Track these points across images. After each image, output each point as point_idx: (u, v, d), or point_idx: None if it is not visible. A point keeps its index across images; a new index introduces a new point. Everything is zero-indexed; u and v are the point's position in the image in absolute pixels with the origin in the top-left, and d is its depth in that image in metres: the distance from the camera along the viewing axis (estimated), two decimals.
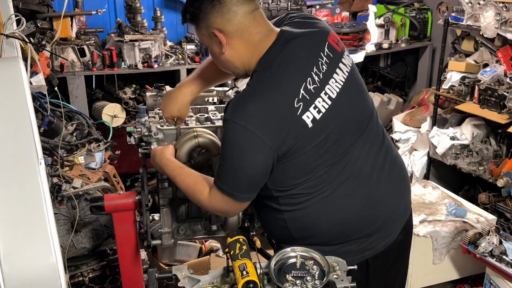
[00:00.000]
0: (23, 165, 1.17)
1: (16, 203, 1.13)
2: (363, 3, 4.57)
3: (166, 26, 4.02)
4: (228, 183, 1.46)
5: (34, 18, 3.15)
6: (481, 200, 3.17)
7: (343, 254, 1.51)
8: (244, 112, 1.39)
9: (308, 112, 1.42)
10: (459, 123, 3.48)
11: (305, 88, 1.43)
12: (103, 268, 2.63)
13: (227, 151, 1.43)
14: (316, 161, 1.47)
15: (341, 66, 1.53)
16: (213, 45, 1.51)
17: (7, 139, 1.19)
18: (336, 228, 1.54)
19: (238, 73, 1.58)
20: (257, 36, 1.48)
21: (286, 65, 1.45)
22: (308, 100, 1.43)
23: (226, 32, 1.46)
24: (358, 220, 1.55)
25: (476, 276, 2.90)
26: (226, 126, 1.43)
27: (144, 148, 1.90)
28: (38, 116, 2.63)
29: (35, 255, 1.12)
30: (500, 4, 3.06)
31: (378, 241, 1.59)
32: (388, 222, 1.61)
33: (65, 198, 2.43)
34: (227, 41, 1.47)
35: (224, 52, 1.50)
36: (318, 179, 1.49)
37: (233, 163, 1.43)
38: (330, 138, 1.47)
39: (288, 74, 1.44)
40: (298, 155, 1.44)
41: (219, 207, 1.53)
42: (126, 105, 3.68)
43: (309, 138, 1.43)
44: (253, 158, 1.42)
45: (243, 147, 1.41)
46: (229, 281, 1.37)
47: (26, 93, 1.24)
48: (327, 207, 1.52)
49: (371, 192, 1.56)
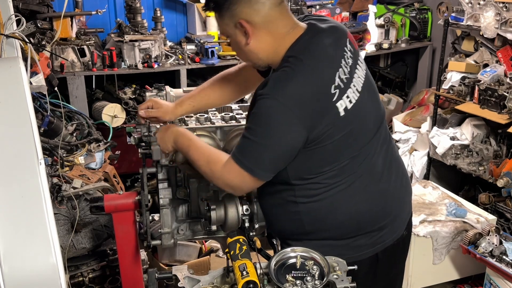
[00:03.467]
0: (23, 165, 1.17)
1: (16, 203, 1.13)
2: (363, 3, 4.57)
3: (166, 26, 4.03)
4: (250, 157, 1.45)
5: (34, 18, 3.15)
6: (481, 200, 3.17)
7: (356, 248, 1.56)
8: (285, 90, 1.40)
9: (342, 100, 1.45)
10: (459, 123, 3.48)
11: (339, 77, 1.46)
12: (103, 268, 2.63)
13: (259, 125, 1.43)
14: (340, 151, 1.49)
15: (359, 63, 1.57)
16: (237, 36, 1.50)
17: (7, 139, 1.19)
18: (352, 220, 1.56)
19: (260, 65, 1.58)
20: (284, 29, 1.49)
21: (321, 53, 1.47)
22: (342, 88, 1.45)
23: (253, 23, 1.46)
24: (372, 213, 1.58)
25: (476, 276, 2.90)
26: (262, 101, 1.42)
27: (144, 148, 1.90)
28: (38, 116, 2.63)
29: (35, 255, 1.12)
30: (500, 4, 3.06)
31: (388, 235, 1.63)
32: (396, 217, 1.65)
33: (65, 198, 2.43)
34: (253, 32, 1.47)
35: (249, 43, 1.49)
36: (339, 170, 1.51)
37: (262, 138, 1.42)
38: (355, 130, 1.50)
39: (325, 61, 1.47)
40: (327, 143, 1.45)
41: (232, 181, 1.51)
42: (126, 105, 3.68)
43: (338, 127, 1.46)
44: (284, 136, 1.42)
45: (277, 123, 1.41)
46: (229, 281, 1.37)
47: (26, 93, 1.24)
48: (344, 199, 1.54)
49: (383, 187, 1.60)
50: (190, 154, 1.61)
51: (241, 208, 1.71)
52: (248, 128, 1.47)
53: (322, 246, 1.51)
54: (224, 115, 1.96)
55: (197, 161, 1.59)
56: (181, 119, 1.93)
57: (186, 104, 1.83)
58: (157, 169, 1.90)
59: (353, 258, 1.51)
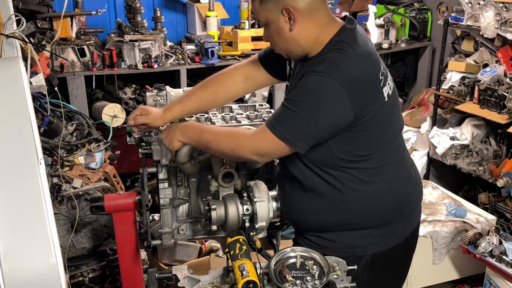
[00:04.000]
0: (23, 165, 1.17)
1: (16, 203, 1.13)
2: (363, 3, 4.57)
3: (166, 26, 4.03)
4: (291, 129, 1.46)
5: (34, 18, 3.15)
6: (481, 200, 3.17)
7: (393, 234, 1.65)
8: (344, 70, 1.43)
9: (385, 87, 1.53)
10: (459, 123, 3.48)
11: (382, 66, 1.55)
12: (103, 268, 2.63)
13: (307, 99, 1.44)
14: (383, 136, 1.56)
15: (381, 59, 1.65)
16: (280, 22, 1.52)
17: (7, 139, 1.18)
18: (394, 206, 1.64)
19: (297, 53, 1.58)
20: (326, 19, 1.53)
21: (367, 43, 1.56)
22: (385, 75, 1.55)
23: (298, 9, 1.49)
24: (409, 198, 1.69)
25: (476, 276, 2.90)
26: (315, 77, 1.43)
27: (144, 148, 1.90)
28: (38, 116, 2.63)
29: (35, 255, 1.12)
30: (500, 4, 3.06)
31: (415, 218, 1.74)
32: (419, 202, 1.76)
33: (65, 198, 2.43)
34: (297, 19, 1.49)
35: (292, 29, 1.51)
36: (382, 155, 1.57)
37: (308, 111, 1.44)
38: (394, 117, 1.59)
39: (372, 50, 1.55)
40: (373, 126, 1.51)
41: (263, 148, 1.52)
42: (126, 105, 3.68)
43: (383, 112, 1.52)
44: (332, 113, 1.45)
45: (328, 99, 1.44)
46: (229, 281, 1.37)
47: (26, 93, 1.24)
48: (387, 186, 1.61)
49: (411, 172, 1.70)
50: (205, 137, 1.61)
51: (241, 208, 1.71)
52: (290, 100, 1.47)
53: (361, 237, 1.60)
54: (224, 115, 1.96)
55: (216, 139, 1.58)
56: (181, 119, 1.93)
57: (176, 109, 1.81)
58: (157, 169, 1.90)
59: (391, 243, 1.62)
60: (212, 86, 1.84)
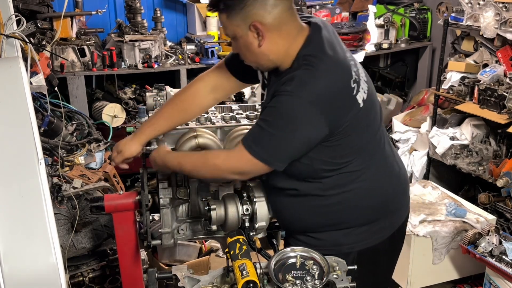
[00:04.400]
0: (23, 165, 1.17)
1: (16, 203, 1.13)
2: (363, 3, 4.57)
3: (166, 26, 4.03)
4: (267, 149, 1.47)
5: (34, 18, 3.15)
6: (481, 200, 3.17)
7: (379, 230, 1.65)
8: (313, 88, 1.42)
9: (359, 92, 1.50)
10: (459, 123, 3.48)
11: (353, 70, 1.51)
12: (103, 268, 2.62)
13: (281, 120, 1.45)
14: (363, 140, 1.55)
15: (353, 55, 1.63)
16: (248, 38, 1.50)
17: (7, 139, 1.19)
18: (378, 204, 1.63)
19: (268, 66, 1.58)
20: (294, 31, 1.52)
21: (335, 50, 1.52)
22: (358, 81, 1.51)
23: (266, 25, 1.47)
24: (393, 194, 1.68)
25: (476, 276, 2.91)
26: (285, 98, 1.44)
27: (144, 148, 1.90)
28: (38, 116, 2.63)
29: (35, 255, 1.12)
30: (500, 4, 3.06)
31: (402, 212, 1.74)
32: (405, 197, 1.75)
33: (65, 198, 2.43)
34: (266, 34, 1.48)
35: (261, 45, 1.50)
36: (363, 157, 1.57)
37: (282, 132, 1.45)
38: (371, 119, 1.58)
39: (341, 58, 1.51)
40: (351, 134, 1.50)
41: (241, 167, 1.54)
42: (126, 105, 3.68)
43: (360, 118, 1.51)
44: (306, 132, 1.45)
45: (301, 120, 1.44)
46: (229, 281, 1.37)
47: (26, 93, 1.24)
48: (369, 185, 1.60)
49: (396, 167, 1.69)
50: (184, 168, 1.66)
51: (241, 208, 1.71)
52: (265, 120, 1.48)
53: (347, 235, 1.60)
54: (224, 115, 1.96)
55: (195, 169, 1.63)
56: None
57: (147, 131, 1.83)
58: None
59: (377, 240, 1.62)
60: (181, 103, 1.82)
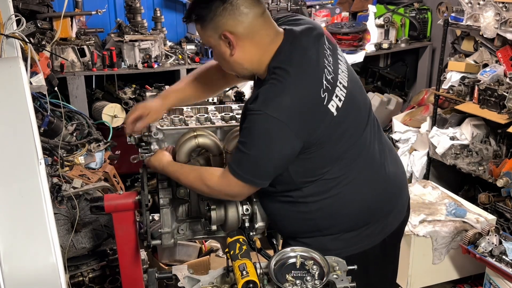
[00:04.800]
0: (23, 165, 1.17)
1: (16, 203, 1.13)
2: (363, 3, 4.57)
3: (166, 26, 4.03)
4: (249, 170, 1.49)
5: (34, 18, 3.15)
6: (481, 200, 3.17)
7: (367, 236, 1.62)
8: (278, 104, 1.42)
9: (332, 101, 1.47)
10: (459, 123, 3.48)
11: (325, 79, 1.48)
12: (103, 268, 2.62)
13: (255, 140, 1.45)
14: (340, 148, 1.53)
15: (340, 57, 1.59)
16: (221, 47, 1.51)
17: (7, 139, 1.19)
18: (362, 210, 1.60)
19: (245, 75, 1.60)
20: (267, 38, 1.50)
21: (305, 60, 1.49)
22: (330, 90, 1.48)
23: (237, 34, 1.47)
24: (379, 200, 1.63)
25: (476, 276, 2.90)
26: (254, 117, 1.44)
27: (144, 148, 1.90)
28: (38, 116, 2.63)
29: (35, 255, 1.12)
30: (500, 4, 3.06)
31: (393, 219, 1.69)
32: (398, 200, 1.71)
33: (65, 198, 2.43)
34: (237, 43, 1.48)
35: (233, 54, 1.50)
36: (343, 164, 1.54)
37: (259, 152, 1.46)
38: (350, 124, 1.54)
39: (311, 68, 1.48)
40: (326, 144, 1.49)
41: (231, 191, 1.57)
42: (126, 105, 3.68)
43: (334, 127, 1.49)
44: (281, 149, 1.45)
45: (273, 138, 1.43)
46: (229, 281, 1.37)
47: (26, 93, 1.24)
48: (353, 191, 1.57)
49: (384, 173, 1.64)
50: (182, 181, 1.68)
51: (241, 208, 1.71)
52: (242, 142, 1.49)
53: (334, 240, 1.59)
54: (224, 115, 1.96)
55: (191, 184, 1.65)
56: (180, 119, 1.93)
57: (173, 97, 1.86)
58: None
59: (365, 246, 1.59)
60: (206, 73, 1.86)
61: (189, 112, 2.03)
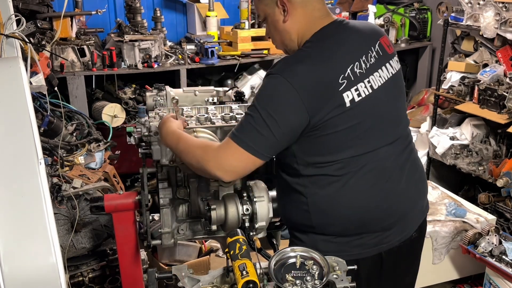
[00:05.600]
0: (23, 165, 1.17)
1: (16, 203, 1.13)
2: (363, 3, 4.57)
3: (166, 26, 4.03)
4: (250, 135, 1.45)
5: (34, 18, 3.15)
6: (480, 200, 3.17)
7: (359, 246, 1.58)
8: (293, 71, 1.44)
9: (349, 91, 1.47)
10: (458, 123, 3.48)
11: (352, 69, 1.49)
12: (103, 268, 2.63)
13: (262, 102, 1.45)
14: (345, 144, 1.51)
15: (388, 66, 1.60)
16: (276, 14, 1.57)
17: (7, 139, 1.19)
18: (355, 216, 1.57)
19: (291, 48, 1.61)
20: (318, 13, 1.56)
21: (340, 43, 1.52)
22: (352, 81, 1.48)
23: (292, 1, 1.53)
24: (377, 212, 1.58)
25: (475, 276, 2.91)
26: (268, 79, 1.46)
27: (144, 148, 1.90)
28: (38, 116, 2.63)
29: (35, 255, 1.12)
30: (500, 4, 3.06)
31: (394, 236, 1.63)
32: (405, 218, 1.65)
33: (65, 198, 2.43)
34: (291, 10, 1.54)
35: (286, 21, 1.55)
36: (346, 163, 1.52)
37: (265, 114, 1.43)
38: (363, 126, 1.52)
39: (341, 52, 1.51)
40: (329, 131, 1.47)
41: (227, 160, 1.46)
42: (126, 105, 3.68)
43: (343, 118, 1.47)
44: (287, 115, 1.44)
45: (281, 101, 1.43)
46: (229, 281, 1.37)
47: (26, 93, 1.24)
48: (349, 194, 1.55)
49: (392, 187, 1.60)
50: (179, 146, 1.58)
51: (241, 208, 1.71)
52: (250, 106, 1.49)
53: (326, 242, 1.56)
54: (224, 115, 1.96)
55: (186, 149, 1.56)
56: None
57: None
58: (157, 169, 1.91)
59: (356, 255, 1.54)
60: None
61: (189, 112, 2.03)
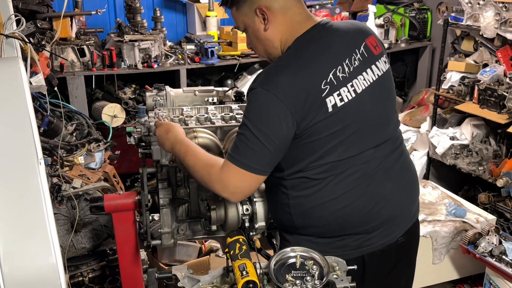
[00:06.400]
0: (23, 165, 1.17)
1: (16, 203, 1.13)
2: (362, 3, 4.57)
3: (166, 26, 4.03)
4: (246, 154, 1.45)
5: (34, 18, 3.15)
6: (480, 200, 3.17)
7: (341, 247, 1.56)
8: (275, 81, 1.43)
9: (331, 96, 1.46)
10: (458, 123, 3.48)
11: (334, 74, 1.47)
12: (103, 268, 2.63)
13: (251, 118, 1.44)
14: (330, 149, 1.50)
15: (373, 68, 1.58)
16: (256, 23, 1.54)
17: (7, 139, 1.18)
18: (337, 219, 1.56)
19: (275, 55, 1.59)
20: (299, 17, 1.54)
21: (322, 48, 1.50)
22: (335, 85, 1.47)
23: (271, 9, 1.51)
24: (358, 214, 1.57)
25: (475, 276, 2.91)
26: (253, 95, 1.45)
27: (144, 148, 1.90)
28: (38, 116, 2.63)
29: (35, 255, 1.12)
30: (499, 4, 3.06)
31: (377, 239, 1.60)
32: (389, 222, 1.62)
33: (65, 198, 2.43)
34: (271, 18, 1.52)
35: (267, 29, 1.53)
36: (329, 167, 1.51)
37: (256, 130, 1.43)
38: (347, 131, 1.50)
39: (323, 56, 1.49)
40: (314, 138, 1.47)
41: (230, 181, 1.47)
42: (126, 105, 3.68)
43: (327, 124, 1.47)
44: (277, 126, 1.43)
45: (269, 114, 1.43)
46: (229, 281, 1.37)
47: (26, 93, 1.24)
48: (328, 196, 1.54)
49: (374, 190, 1.57)
50: (187, 160, 1.60)
51: (241, 208, 1.71)
52: (241, 125, 1.48)
53: (308, 242, 1.55)
54: (224, 115, 1.96)
55: (194, 165, 1.57)
56: (180, 119, 1.93)
57: None
58: (157, 169, 1.91)
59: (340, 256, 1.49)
60: None
61: (189, 112, 2.03)
